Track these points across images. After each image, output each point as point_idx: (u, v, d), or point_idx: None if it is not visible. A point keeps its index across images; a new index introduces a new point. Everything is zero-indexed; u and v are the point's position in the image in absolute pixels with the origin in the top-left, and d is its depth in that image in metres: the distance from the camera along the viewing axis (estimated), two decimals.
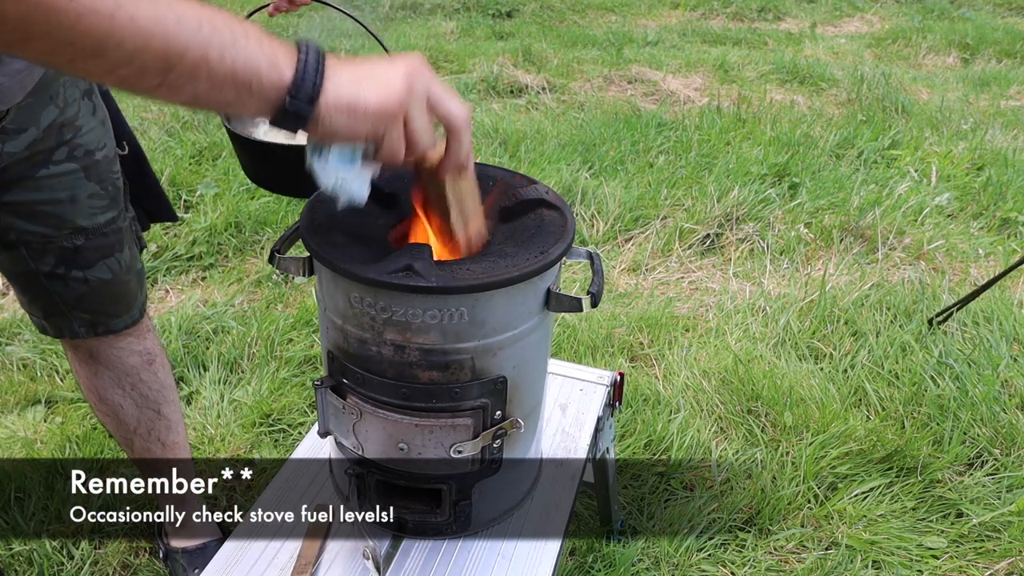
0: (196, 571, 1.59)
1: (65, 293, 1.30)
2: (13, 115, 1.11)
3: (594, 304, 1.00)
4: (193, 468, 1.62)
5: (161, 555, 1.66)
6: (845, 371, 2.31)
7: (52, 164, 1.18)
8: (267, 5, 1.53)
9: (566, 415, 1.45)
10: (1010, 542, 1.78)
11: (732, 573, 1.72)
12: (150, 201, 1.45)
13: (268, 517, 1.19)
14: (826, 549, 1.78)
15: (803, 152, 3.77)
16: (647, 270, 2.91)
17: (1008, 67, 5.85)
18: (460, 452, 1.04)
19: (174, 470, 1.57)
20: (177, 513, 1.60)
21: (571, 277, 2.76)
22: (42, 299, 1.32)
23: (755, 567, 1.73)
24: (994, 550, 1.78)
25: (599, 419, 1.44)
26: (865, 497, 1.90)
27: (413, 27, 6.48)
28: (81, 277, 1.28)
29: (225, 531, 1.72)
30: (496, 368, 1.01)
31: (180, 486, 1.58)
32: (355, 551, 1.13)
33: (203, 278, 2.73)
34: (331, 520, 1.18)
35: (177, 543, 1.63)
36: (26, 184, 1.17)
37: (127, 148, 1.36)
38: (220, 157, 3.44)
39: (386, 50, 1.06)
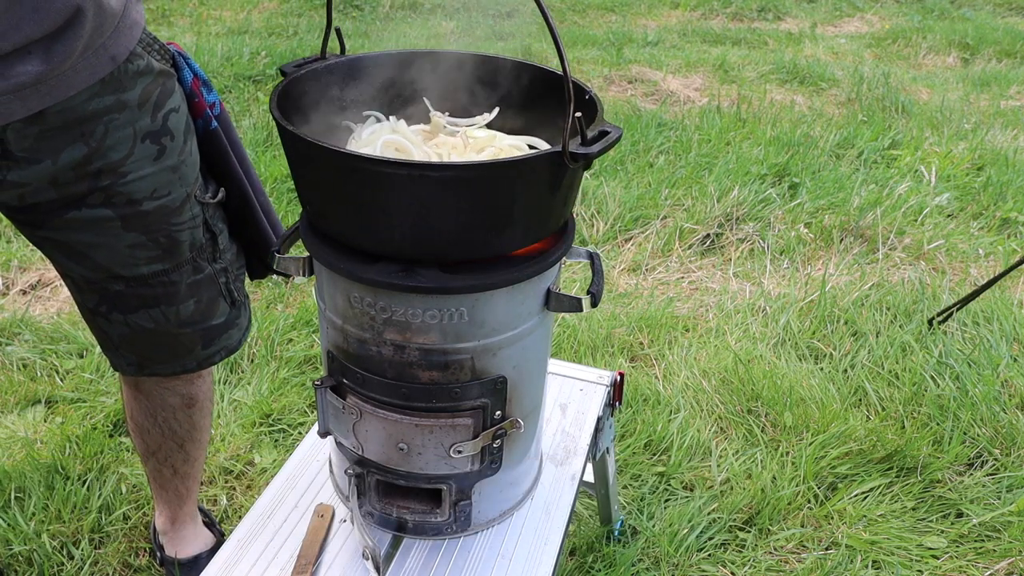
0: None
1: (110, 331, 1.25)
2: (29, 143, 1.00)
3: (594, 304, 1.00)
4: (196, 491, 1.61)
5: (158, 560, 1.66)
6: (845, 371, 2.31)
7: (85, 208, 1.09)
8: None
9: (566, 415, 1.45)
10: (1010, 542, 1.78)
11: (732, 573, 1.72)
12: (257, 253, 1.35)
13: (268, 517, 1.19)
14: (826, 549, 1.78)
15: (803, 152, 3.77)
16: (647, 270, 2.91)
17: (1008, 67, 5.85)
18: (460, 452, 1.04)
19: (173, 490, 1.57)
20: (169, 523, 1.61)
21: (571, 277, 2.76)
22: (93, 331, 1.28)
23: (755, 567, 1.73)
24: (994, 550, 1.78)
25: (599, 419, 1.44)
26: (865, 497, 1.90)
27: (413, 27, 6.48)
28: (122, 320, 1.23)
29: (224, 533, 1.72)
30: (496, 368, 1.01)
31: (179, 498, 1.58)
32: (355, 551, 1.13)
33: None
34: (331, 520, 1.18)
35: (172, 551, 1.62)
36: (56, 223, 1.11)
37: (222, 195, 1.24)
38: None
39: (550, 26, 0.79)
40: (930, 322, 2.48)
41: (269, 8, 6.77)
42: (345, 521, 1.18)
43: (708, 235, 3.06)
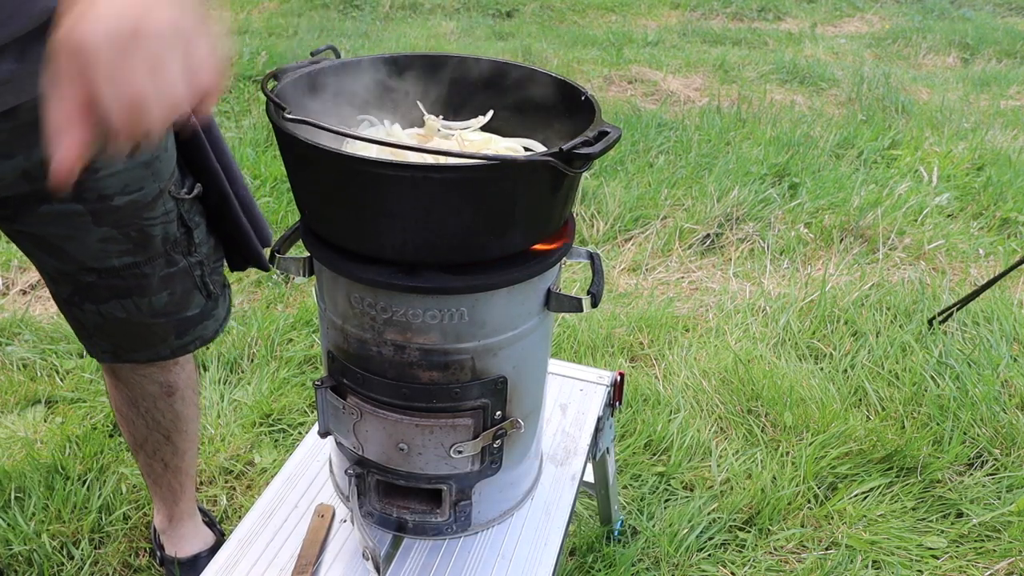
0: None
1: (84, 320, 1.27)
2: (3, 137, 1.01)
3: (594, 304, 1.00)
4: (193, 488, 1.61)
5: (158, 560, 1.66)
6: (845, 371, 2.31)
7: (57, 202, 1.10)
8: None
9: (566, 415, 1.45)
10: (1010, 542, 1.78)
11: (732, 573, 1.72)
12: (237, 247, 1.35)
13: (268, 517, 1.19)
14: (826, 549, 1.78)
15: (803, 152, 3.77)
16: (647, 270, 2.91)
17: (1008, 67, 5.85)
18: (460, 452, 1.04)
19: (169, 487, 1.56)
20: (167, 520, 1.60)
21: (571, 277, 2.76)
22: (68, 320, 1.29)
23: (755, 567, 1.73)
24: (994, 550, 1.78)
25: (599, 419, 1.44)
26: (865, 497, 1.90)
27: (413, 27, 6.48)
28: (95, 310, 1.24)
29: (224, 533, 1.72)
30: (496, 368, 1.01)
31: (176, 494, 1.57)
32: (355, 551, 1.13)
33: None
34: (331, 520, 1.18)
35: (172, 550, 1.62)
36: (27, 217, 1.12)
37: (198, 190, 1.23)
38: None
39: None
40: (930, 322, 2.48)
41: (269, 8, 6.77)
42: (345, 521, 1.18)
43: (708, 235, 3.06)
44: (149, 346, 1.31)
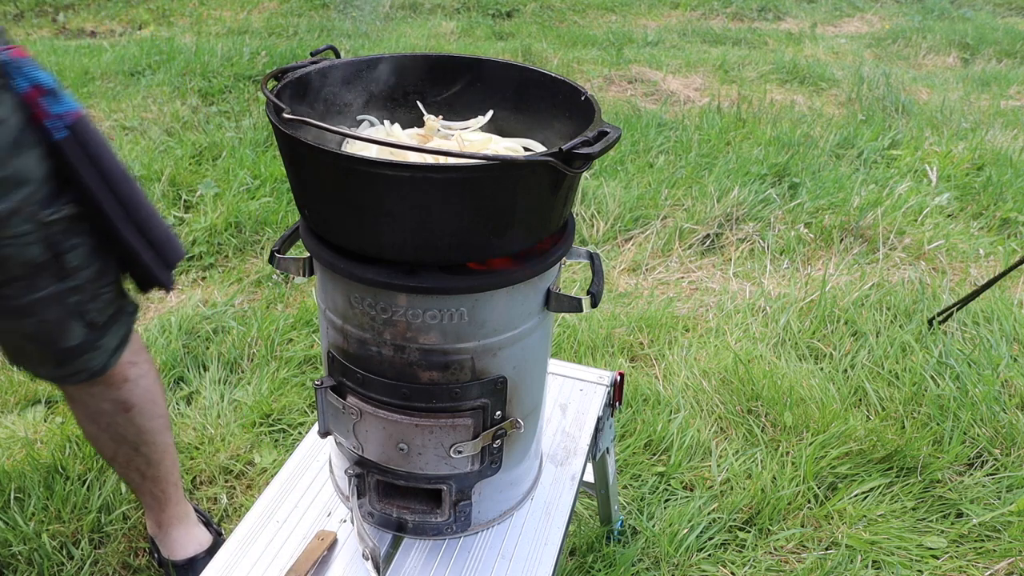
0: None
1: None
2: None
3: (594, 304, 1.00)
4: (179, 494, 1.59)
5: (157, 560, 1.66)
6: (845, 371, 2.31)
7: None
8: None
9: (566, 415, 1.45)
10: (1010, 542, 1.78)
11: (732, 573, 1.72)
12: (131, 270, 1.26)
13: (268, 517, 1.19)
14: (826, 549, 1.78)
15: (803, 152, 3.77)
16: (647, 270, 2.91)
17: (1008, 67, 5.85)
18: (460, 452, 1.04)
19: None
20: (157, 527, 1.60)
21: (571, 277, 2.76)
22: None
23: (755, 567, 1.73)
24: (994, 550, 1.78)
25: (599, 419, 1.44)
26: (865, 497, 1.90)
27: (413, 27, 6.48)
28: None
29: (222, 532, 1.72)
30: (496, 368, 1.01)
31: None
32: (355, 551, 1.13)
33: (203, 278, 2.73)
34: (330, 546, 1.16)
35: (166, 553, 1.62)
36: None
37: (68, 211, 1.13)
38: (220, 157, 3.44)
39: None
40: (930, 322, 2.48)
41: (269, 8, 6.77)
42: (345, 521, 1.18)
43: (708, 235, 3.06)
44: (32, 365, 1.26)
